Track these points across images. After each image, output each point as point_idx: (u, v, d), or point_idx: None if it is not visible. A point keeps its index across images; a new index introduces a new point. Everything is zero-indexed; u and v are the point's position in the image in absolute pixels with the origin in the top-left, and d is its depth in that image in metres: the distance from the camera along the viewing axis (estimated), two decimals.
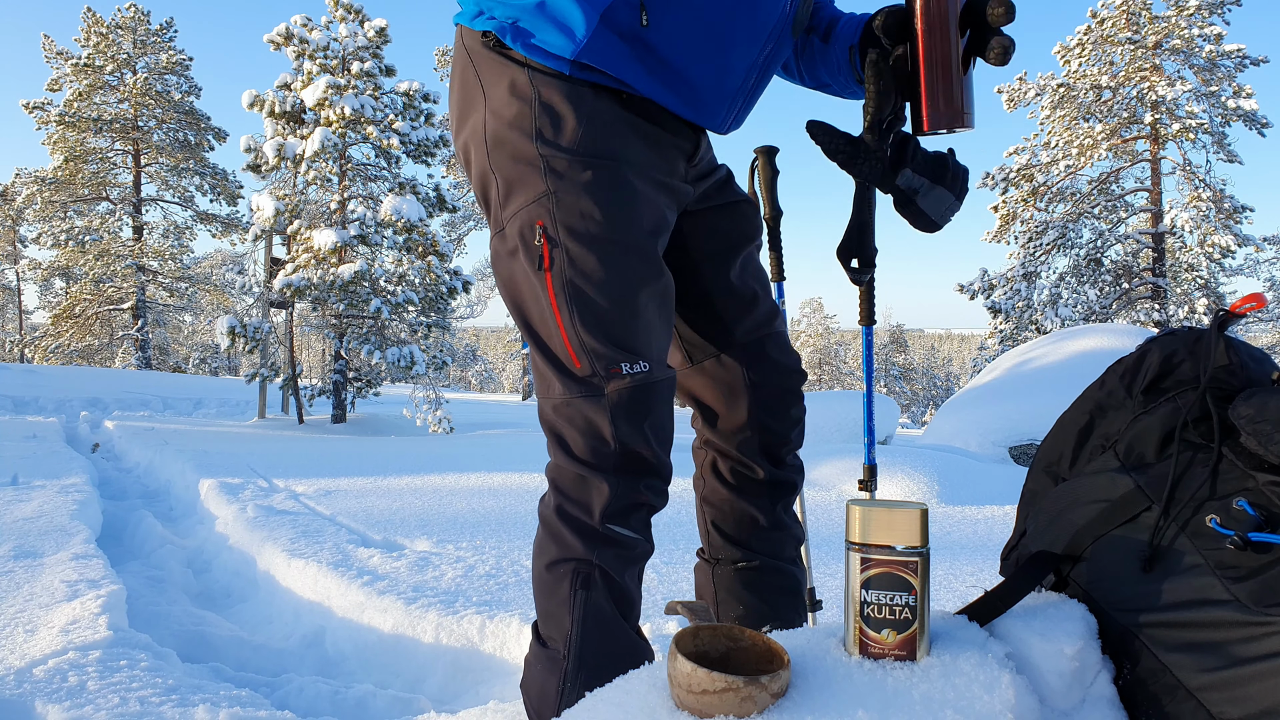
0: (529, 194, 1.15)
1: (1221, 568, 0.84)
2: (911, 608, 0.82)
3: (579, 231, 1.14)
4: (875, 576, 0.83)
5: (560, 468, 1.21)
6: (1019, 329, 19.31)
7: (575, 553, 1.19)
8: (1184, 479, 0.91)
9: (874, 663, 0.84)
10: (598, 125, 1.15)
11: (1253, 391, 0.90)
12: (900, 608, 0.82)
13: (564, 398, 1.18)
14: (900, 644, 0.83)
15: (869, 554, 0.83)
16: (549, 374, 1.20)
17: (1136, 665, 0.88)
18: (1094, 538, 0.94)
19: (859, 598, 0.84)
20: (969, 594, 2.63)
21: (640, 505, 1.22)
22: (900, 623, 0.82)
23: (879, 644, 0.83)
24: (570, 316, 1.15)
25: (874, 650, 0.84)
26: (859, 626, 0.84)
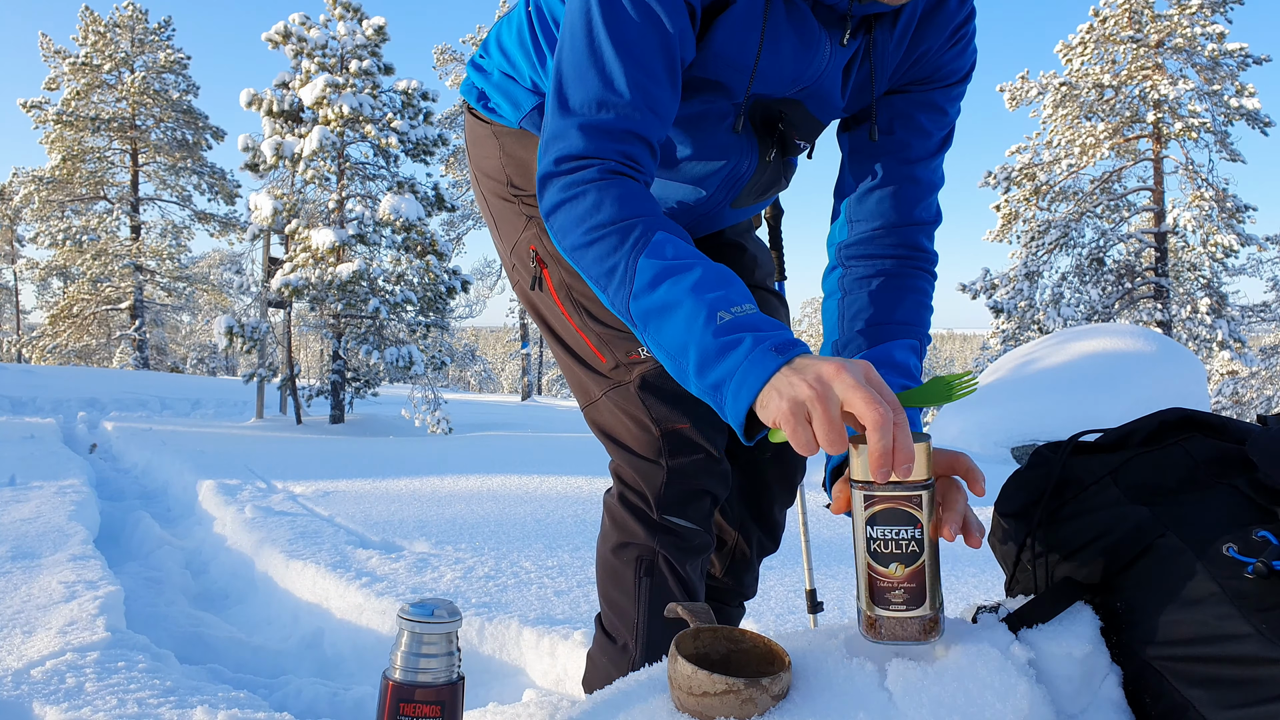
0: (517, 227, 1.31)
1: (1240, 597, 0.82)
2: (918, 540, 0.81)
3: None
4: (880, 512, 0.82)
5: (618, 462, 1.27)
6: (1021, 329, 19.30)
7: (638, 538, 1.23)
8: (1198, 510, 0.90)
9: (877, 665, 0.83)
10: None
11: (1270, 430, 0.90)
12: (907, 541, 0.81)
13: (601, 397, 1.25)
14: (909, 576, 0.82)
15: (872, 490, 0.81)
16: (585, 380, 1.27)
17: (1159, 701, 0.86)
18: (1113, 569, 0.92)
19: (864, 534, 0.82)
20: (973, 596, 2.62)
21: (698, 493, 1.24)
22: (908, 556, 0.82)
23: (888, 578, 0.82)
24: (580, 316, 1.24)
25: (883, 585, 0.82)
26: (868, 564, 0.83)
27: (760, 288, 1.45)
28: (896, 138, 1.16)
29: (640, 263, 0.91)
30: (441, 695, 0.87)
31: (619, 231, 0.93)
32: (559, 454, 6.56)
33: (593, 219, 0.94)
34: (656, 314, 0.90)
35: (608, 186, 0.95)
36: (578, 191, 0.96)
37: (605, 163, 0.96)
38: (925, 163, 1.17)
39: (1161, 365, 6.75)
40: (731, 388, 0.83)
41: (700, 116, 1.14)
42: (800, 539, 1.94)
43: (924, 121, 1.16)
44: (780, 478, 1.40)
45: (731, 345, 0.84)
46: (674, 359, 0.89)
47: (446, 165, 25.98)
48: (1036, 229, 19.66)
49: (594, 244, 0.94)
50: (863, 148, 1.18)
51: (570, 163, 0.97)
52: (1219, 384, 18.01)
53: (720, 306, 0.86)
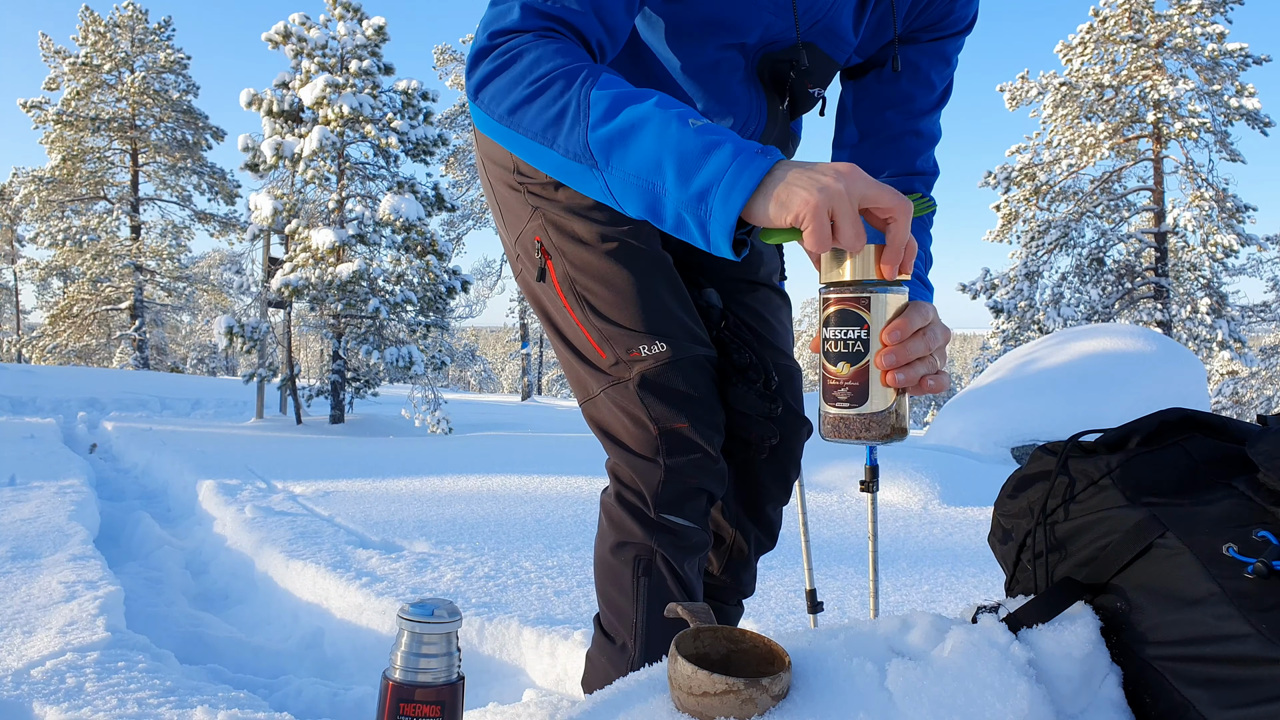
0: (523, 217, 1.29)
1: (1240, 597, 0.82)
2: (864, 341, 0.84)
3: (568, 235, 1.23)
4: (833, 313, 0.85)
5: (615, 460, 1.27)
6: (1021, 329, 19.30)
7: (635, 537, 1.23)
8: (1199, 511, 0.90)
9: (877, 665, 0.83)
10: None
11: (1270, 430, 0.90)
12: (853, 341, 0.84)
13: (600, 393, 1.25)
14: (854, 375, 0.85)
15: (828, 293, 0.85)
16: (583, 376, 1.27)
17: (1159, 701, 0.86)
18: (1113, 569, 0.92)
19: (822, 336, 0.87)
20: (972, 596, 2.62)
21: (695, 492, 1.24)
22: (853, 355, 0.85)
23: (835, 377, 0.86)
24: (583, 311, 1.23)
25: (831, 383, 0.86)
26: (822, 364, 0.87)
27: (764, 285, 1.44)
28: (902, 89, 1.20)
29: (593, 94, 0.85)
30: (441, 695, 0.87)
31: (565, 75, 0.87)
32: (559, 454, 6.56)
33: (533, 73, 0.89)
34: (620, 138, 0.83)
35: (546, 44, 0.90)
36: (514, 54, 0.91)
37: (540, 30, 0.92)
38: (928, 116, 1.22)
39: (1161, 365, 6.75)
40: (721, 191, 0.78)
41: (714, 66, 1.14)
42: (800, 539, 1.94)
43: (930, 73, 1.20)
44: (775, 476, 1.40)
45: (715, 145, 0.79)
46: (645, 181, 0.83)
47: (446, 165, 25.97)
48: (1036, 229, 19.66)
49: (538, 95, 0.88)
50: (869, 99, 1.22)
51: (505, 36, 0.93)
52: (1219, 384, 18.01)
53: (690, 115, 0.82)
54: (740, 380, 1.29)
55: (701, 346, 1.26)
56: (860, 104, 1.23)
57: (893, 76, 1.19)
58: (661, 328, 1.22)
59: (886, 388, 0.86)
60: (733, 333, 1.33)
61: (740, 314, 1.38)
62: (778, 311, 1.44)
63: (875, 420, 0.86)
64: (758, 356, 1.31)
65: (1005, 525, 1.07)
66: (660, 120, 0.81)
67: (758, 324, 1.38)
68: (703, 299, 1.35)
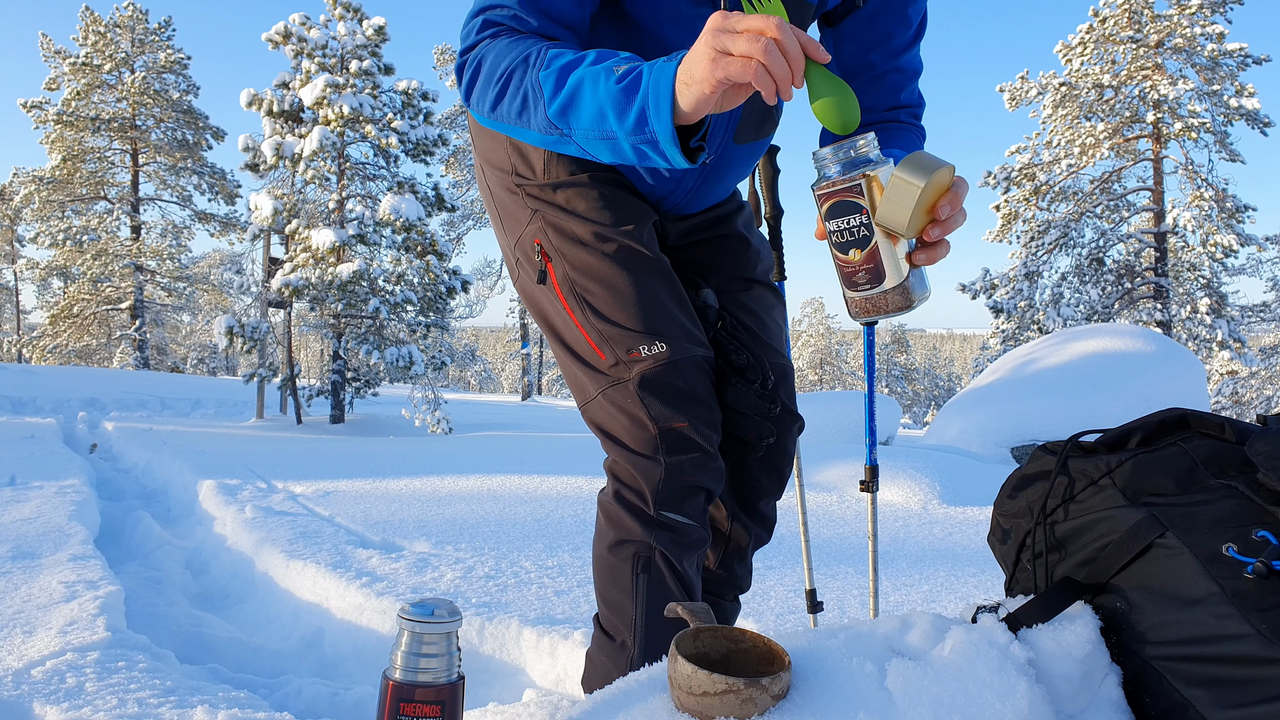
0: (522, 220, 1.31)
1: (1239, 597, 0.82)
2: (866, 225, 0.88)
3: (567, 237, 1.25)
4: (830, 207, 0.89)
5: (614, 459, 1.28)
6: (1021, 329, 19.30)
7: (634, 535, 1.24)
8: (1198, 510, 0.90)
9: (877, 665, 0.83)
10: (558, 158, 1.28)
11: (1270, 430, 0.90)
12: (857, 227, 0.88)
13: (599, 394, 1.26)
14: (866, 258, 0.89)
15: (821, 188, 0.89)
16: (582, 377, 1.28)
17: (1158, 700, 0.86)
18: (1113, 569, 0.92)
19: (827, 230, 0.91)
20: (972, 596, 2.62)
21: (693, 489, 1.25)
22: (860, 240, 0.88)
23: (849, 264, 0.90)
24: (582, 312, 1.25)
25: (848, 270, 0.90)
26: (834, 255, 0.91)
27: (760, 283, 1.45)
28: (881, 28, 1.25)
29: (541, 75, 0.96)
30: (441, 695, 0.87)
31: (519, 65, 0.98)
32: (559, 454, 6.56)
33: (495, 72, 1.01)
34: (570, 104, 0.93)
35: (496, 42, 1.02)
36: (479, 60, 1.03)
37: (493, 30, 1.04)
38: (907, 51, 1.28)
39: (1161, 365, 6.75)
40: (651, 111, 0.86)
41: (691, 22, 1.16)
42: (800, 539, 1.94)
43: (906, 9, 1.25)
44: (769, 472, 1.41)
45: (633, 77, 0.88)
46: (600, 131, 0.92)
47: (446, 165, 25.97)
48: (1036, 229, 19.65)
49: (504, 90, 1.00)
50: (849, 41, 1.27)
51: (466, 53, 1.06)
52: (1219, 384, 18.01)
53: (615, 64, 0.91)
54: (739, 380, 1.30)
55: (699, 347, 1.26)
56: (842, 49, 1.28)
57: (870, 17, 1.24)
58: (661, 328, 1.23)
59: (898, 260, 0.89)
60: (730, 333, 1.34)
61: (736, 313, 1.38)
62: (772, 310, 1.44)
63: (898, 292, 0.89)
64: (755, 357, 1.32)
65: (1005, 525, 1.07)
66: (591, 77, 0.91)
67: (753, 323, 1.39)
68: (700, 300, 1.35)
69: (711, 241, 1.43)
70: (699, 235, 1.43)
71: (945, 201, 0.89)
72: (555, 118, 0.95)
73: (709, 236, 1.43)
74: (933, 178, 0.85)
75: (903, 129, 1.31)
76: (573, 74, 0.93)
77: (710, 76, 0.83)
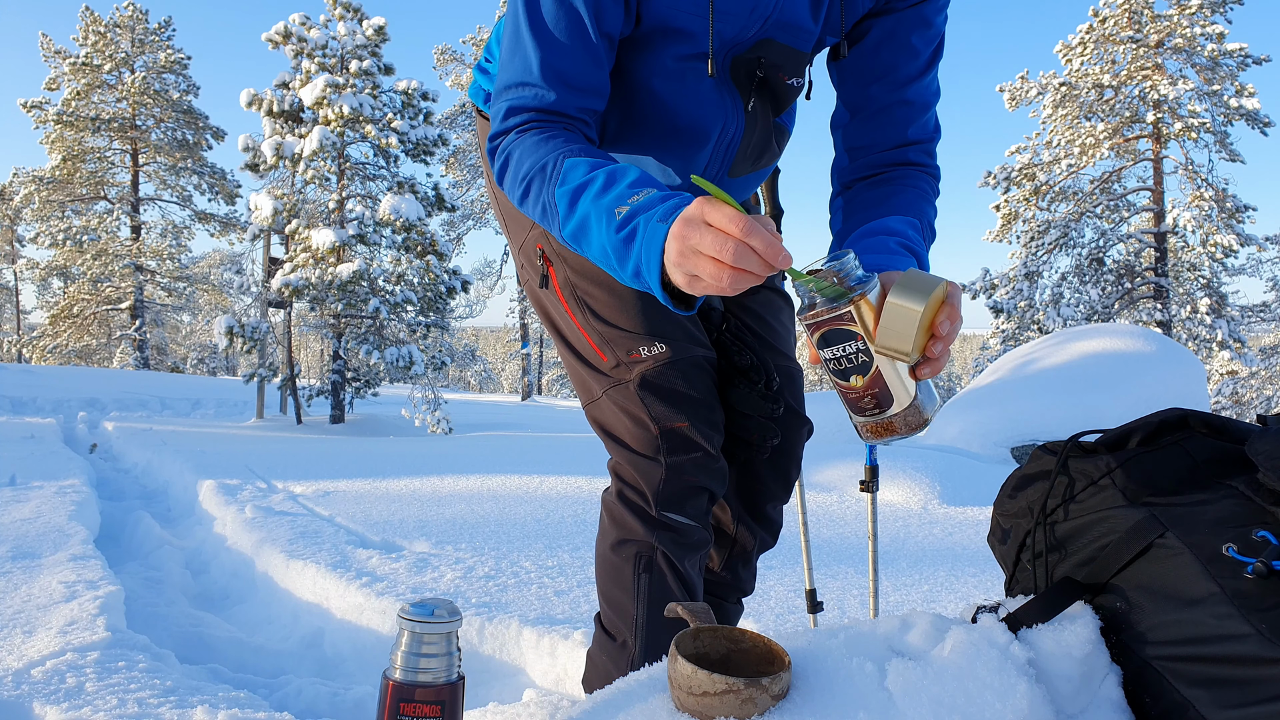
0: (525, 225, 1.33)
1: (1240, 597, 0.82)
2: (865, 351, 0.85)
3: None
4: (823, 335, 0.86)
5: (617, 460, 1.29)
6: (1021, 329, 19.30)
7: (636, 534, 1.25)
8: (1198, 510, 0.90)
9: (877, 665, 0.83)
10: None
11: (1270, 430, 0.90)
12: (855, 354, 0.85)
13: (602, 395, 1.27)
14: (869, 384, 0.86)
15: (807, 318, 0.86)
16: (586, 379, 1.29)
17: (1159, 701, 0.86)
18: (1113, 569, 0.92)
19: (821, 358, 0.88)
20: (972, 596, 2.62)
21: (696, 490, 1.25)
22: (860, 366, 0.86)
23: (852, 390, 0.87)
24: (584, 315, 1.26)
25: (852, 397, 0.87)
26: (835, 383, 0.88)
27: (765, 287, 1.45)
28: (884, 61, 1.17)
29: (557, 193, 1.00)
30: (441, 695, 0.87)
31: (538, 174, 1.02)
32: (559, 454, 6.56)
33: (518, 173, 1.05)
34: (581, 233, 0.98)
35: (522, 141, 1.06)
36: (505, 156, 1.08)
37: (520, 126, 1.07)
38: (915, 83, 1.18)
39: (1161, 365, 6.75)
40: (644, 266, 0.90)
41: (679, 75, 1.15)
42: (800, 539, 1.94)
43: (911, 40, 1.16)
44: (776, 475, 1.41)
45: (630, 229, 0.91)
46: (607, 266, 0.97)
47: (446, 165, 25.96)
48: (1036, 229, 19.65)
49: (526, 194, 1.05)
50: (851, 76, 1.20)
51: (497, 139, 1.09)
52: (1219, 384, 18.01)
53: (617, 204, 0.93)
54: (742, 381, 1.30)
55: (700, 348, 1.27)
56: (845, 83, 1.21)
57: (872, 49, 1.17)
58: (660, 329, 1.24)
59: (903, 380, 0.86)
60: (734, 335, 1.34)
61: (741, 316, 1.38)
62: (779, 313, 1.44)
63: (909, 413, 0.87)
64: (758, 358, 1.32)
65: (1005, 525, 1.07)
66: (596, 216, 0.95)
67: (758, 326, 1.39)
68: (703, 302, 1.35)
69: None
70: None
71: (944, 316, 0.86)
72: (570, 239, 1.01)
73: None
74: (931, 298, 0.82)
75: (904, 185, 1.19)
76: (581, 200, 0.96)
77: (683, 273, 0.84)
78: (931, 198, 1.19)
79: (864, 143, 1.20)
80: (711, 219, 0.81)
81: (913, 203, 1.15)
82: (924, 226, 1.14)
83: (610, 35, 1.08)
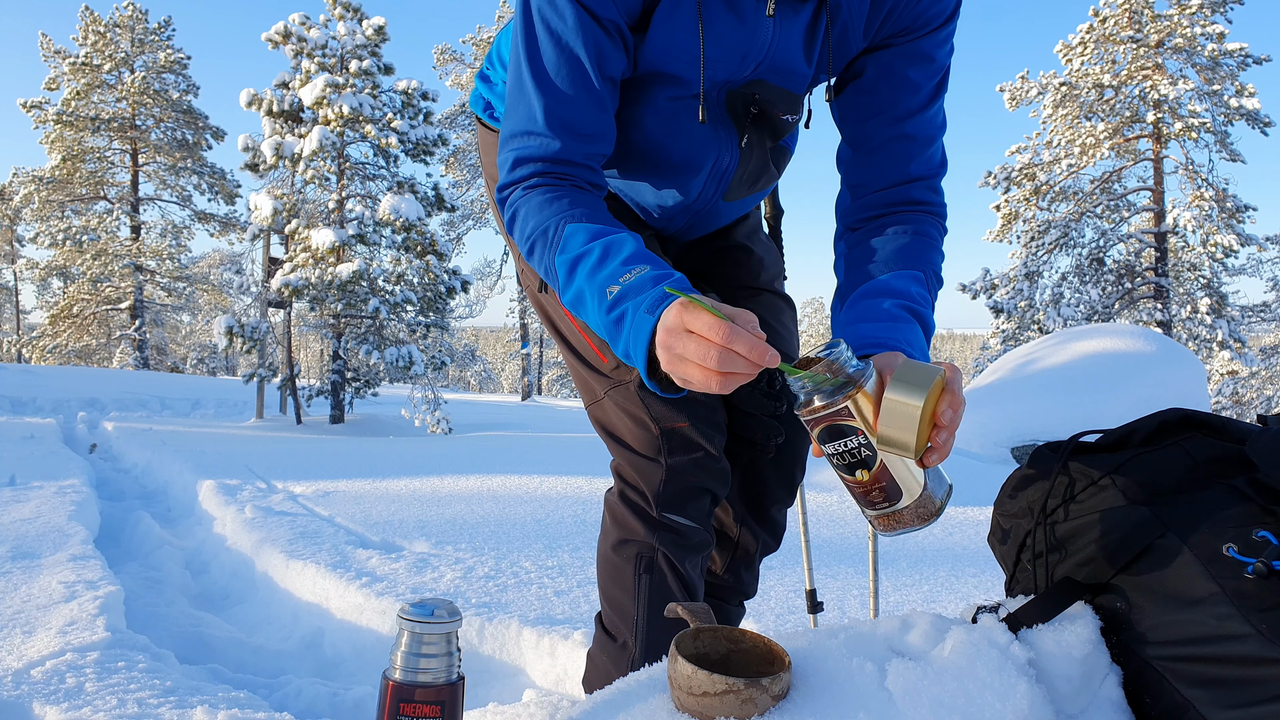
0: None
1: (1240, 598, 0.82)
2: (867, 445, 0.83)
3: None
4: (822, 431, 0.84)
5: (619, 460, 1.29)
6: (1021, 329, 19.30)
7: (637, 535, 1.25)
8: (1199, 510, 0.90)
9: (877, 665, 0.83)
10: None
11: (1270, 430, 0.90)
12: (858, 448, 0.83)
13: (604, 396, 1.28)
14: (876, 477, 0.84)
15: (804, 414, 0.85)
16: (588, 379, 1.30)
17: (1159, 701, 0.86)
18: (1113, 569, 0.92)
19: (825, 453, 0.87)
20: (972, 596, 2.62)
21: (697, 491, 1.25)
22: (864, 460, 0.84)
23: (859, 484, 0.85)
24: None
25: (860, 490, 0.86)
26: (841, 477, 0.87)
27: (766, 290, 1.45)
28: (882, 96, 1.14)
29: (557, 261, 1.02)
30: (441, 695, 0.87)
31: (541, 236, 1.04)
32: (559, 454, 6.56)
33: (524, 231, 1.07)
34: (578, 304, 1.01)
35: (529, 199, 1.06)
36: (512, 211, 1.09)
37: (527, 181, 1.08)
38: (916, 117, 1.14)
39: (1161, 365, 6.75)
40: (632, 353, 0.92)
41: (672, 114, 1.15)
42: (800, 539, 1.94)
43: (911, 75, 1.13)
44: (781, 478, 1.41)
45: (619, 312, 0.93)
46: (602, 338, 0.99)
47: (446, 165, 25.96)
48: (1036, 229, 19.65)
49: (531, 252, 1.06)
50: (850, 113, 1.17)
51: (505, 190, 1.10)
52: (1219, 384, 18.01)
53: (609, 283, 0.94)
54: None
55: None
56: (845, 119, 1.18)
57: (870, 86, 1.13)
58: None
59: (911, 470, 0.84)
60: None
61: None
62: (780, 315, 1.44)
63: (921, 503, 0.85)
64: None
65: (1005, 525, 1.07)
66: (590, 292, 0.97)
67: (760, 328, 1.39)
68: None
69: (713, 254, 1.44)
70: (699, 250, 1.44)
71: (945, 405, 0.84)
72: (570, 306, 1.03)
73: (709, 250, 1.44)
74: (930, 391, 0.80)
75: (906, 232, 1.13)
76: (578, 271, 0.98)
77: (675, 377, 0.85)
78: (936, 241, 1.15)
79: (864, 179, 1.16)
80: (693, 326, 0.81)
81: (916, 252, 1.11)
82: (929, 278, 1.10)
83: (613, 78, 1.08)
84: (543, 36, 1.04)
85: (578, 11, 1.02)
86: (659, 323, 0.86)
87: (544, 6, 1.04)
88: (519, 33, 1.07)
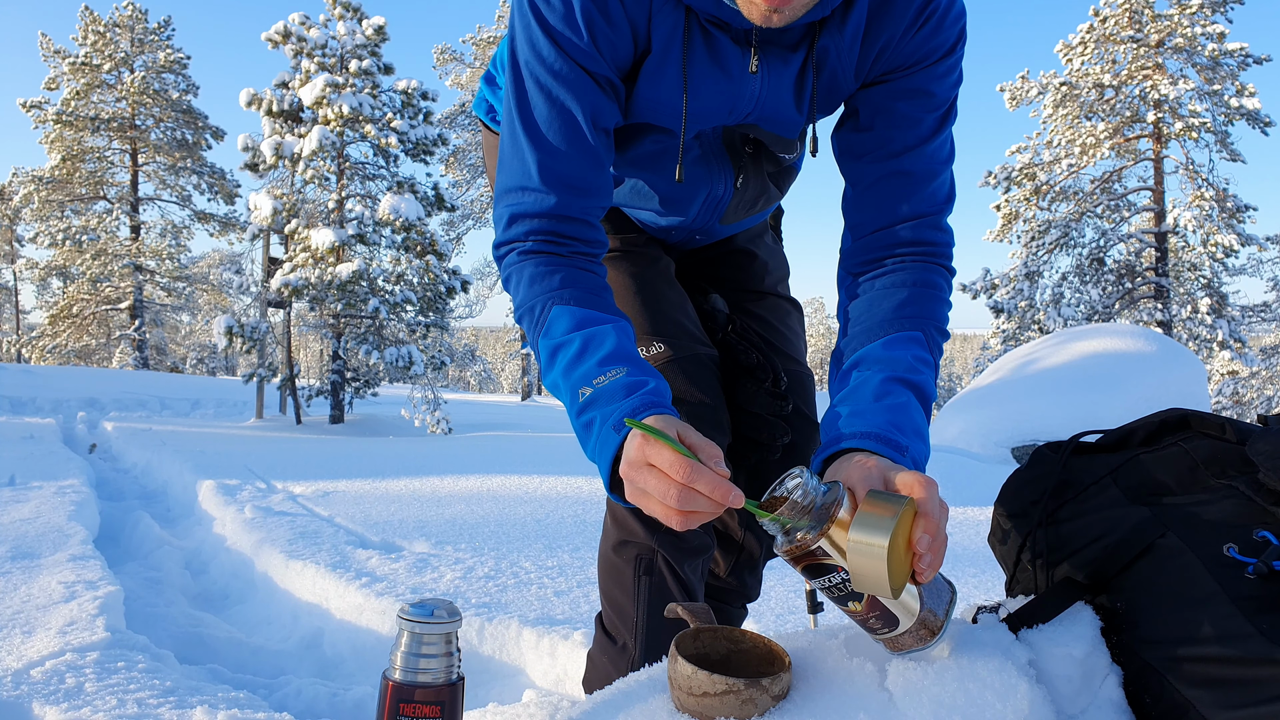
0: None
1: (1241, 598, 0.82)
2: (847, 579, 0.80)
3: None
4: (804, 570, 0.82)
5: None
6: (1021, 329, 19.30)
7: (637, 537, 1.24)
8: (1199, 510, 0.90)
9: (877, 665, 0.83)
10: None
11: (1270, 430, 0.90)
12: (843, 582, 0.80)
13: None
14: (868, 606, 0.82)
15: (783, 552, 0.83)
16: None
17: (1159, 701, 0.86)
18: (1114, 569, 0.92)
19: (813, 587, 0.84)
20: (973, 596, 2.62)
21: None
22: (851, 594, 0.81)
23: (855, 613, 0.84)
24: None
25: (858, 619, 0.84)
26: (837, 606, 0.85)
27: (771, 294, 1.45)
28: (876, 134, 1.10)
29: (540, 344, 1.02)
30: (441, 695, 0.87)
31: (528, 313, 1.05)
32: (559, 454, 6.56)
33: (515, 299, 1.07)
34: (555, 391, 1.01)
35: (522, 269, 1.06)
36: (507, 274, 1.09)
37: (523, 243, 1.07)
38: (915, 152, 1.09)
39: (1161, 365, 6.75)
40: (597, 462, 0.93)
41: (658, 155, 1.16)
42: None
43: (906, 110, 1.08)
44: None
45: (587, 426, 0.94)
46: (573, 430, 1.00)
47: (446, 165, 25.96)
48: (1036, 229, 19.66)
49: (521, 321, 1.07)
50: (848, 151, 1.14)
51: (501, 249, 1.09)
52: (1219, 384, 18.01)
53: (581, 384, 0.95)
54: (748, 380, 1.29)
55: (702, 346, 1.26)
56: (842, 156, 1.15)
57: (866, 123, 1.10)
58: (662, 329, 1.24)
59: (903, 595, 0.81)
60: (740, 335, 1.33)
61: (747, 320, 1.39)
62: (786, 318, 1.44)
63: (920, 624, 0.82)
64: (764, 356, 1.31)
65: (1005, 525, 1.07)
66: (566, 389, 0.97)
67: (765, 330, 1.39)
68: (708, 304, 1.35)
69: (717, 259, 1.44)
70: (702, 255, 1.44)
71: (920, 532, 0.78)
72: (549, 390, 1.04)
73: (712, 255, 1.44)
74: (895, 527, 0.75)
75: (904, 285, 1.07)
76: (556, 361, 0.98)
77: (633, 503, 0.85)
78: (939, 291, 1.09)
79: (862, 219, 1.12)
80: (655, 461, 0.80)
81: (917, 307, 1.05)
82: (929, 336, 1.05)
83: (607, 129, 1.06)
84: (533, 91, 1.02)
85: (569, 66, 1.00)
86: (621, 451, 0.86)
87: (533, 62, 1.02)
88: (510, 88, 1.05)
